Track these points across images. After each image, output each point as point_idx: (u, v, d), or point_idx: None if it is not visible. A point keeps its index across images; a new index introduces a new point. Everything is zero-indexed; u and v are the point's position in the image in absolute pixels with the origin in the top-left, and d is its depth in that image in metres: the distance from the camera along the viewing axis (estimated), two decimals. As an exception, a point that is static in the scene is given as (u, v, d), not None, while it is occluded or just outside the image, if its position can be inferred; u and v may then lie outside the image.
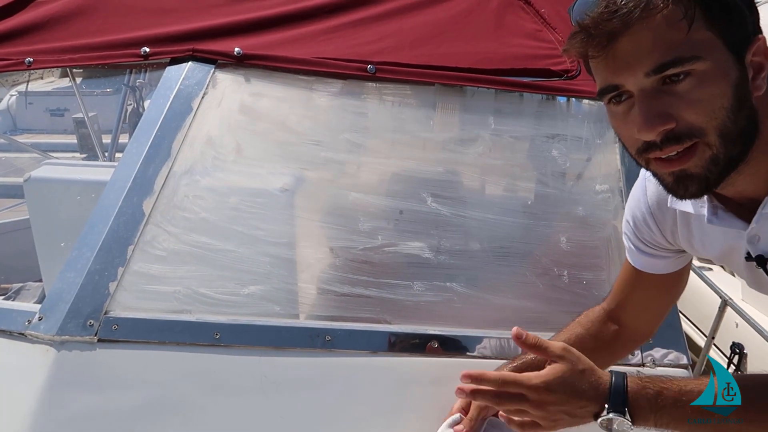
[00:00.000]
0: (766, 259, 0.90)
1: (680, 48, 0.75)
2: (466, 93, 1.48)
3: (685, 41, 0.75)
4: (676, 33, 0.75)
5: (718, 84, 0.76)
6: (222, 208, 1.32)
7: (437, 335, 1.23)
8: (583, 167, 1.48)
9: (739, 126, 0.78)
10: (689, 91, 0.76)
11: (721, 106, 0.77)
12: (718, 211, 0.90)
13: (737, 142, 0.79)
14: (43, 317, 1.16)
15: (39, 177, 1.82)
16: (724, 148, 0.78)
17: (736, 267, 1.00)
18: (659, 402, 0.90)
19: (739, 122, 0.78)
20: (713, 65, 0.76)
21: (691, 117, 0.77)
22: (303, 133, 1.41)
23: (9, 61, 1.48)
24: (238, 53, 1.42)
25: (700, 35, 0.75)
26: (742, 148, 0.80)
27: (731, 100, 0.77)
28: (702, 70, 0.76)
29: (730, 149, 0.78)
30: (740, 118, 0.77)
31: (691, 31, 0.74)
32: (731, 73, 0.76)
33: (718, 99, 0.76)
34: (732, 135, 0.78)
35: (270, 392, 1.18)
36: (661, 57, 0.75)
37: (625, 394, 0.90)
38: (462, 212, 1.39)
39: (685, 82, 0.76)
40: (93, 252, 1.20)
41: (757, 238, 0.89)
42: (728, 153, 0.79)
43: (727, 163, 0.80)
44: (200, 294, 1.24)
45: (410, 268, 1.33)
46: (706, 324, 3.32)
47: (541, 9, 1.59)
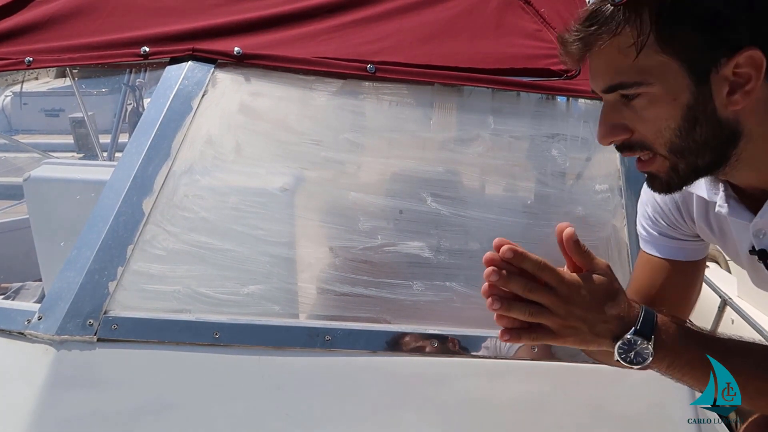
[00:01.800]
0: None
1: (626, 73, 0.80)
2: (466, 93, 1.48)
3: (632, 67, 0.79)
4: (623, 58, 0.79)
5: (665, 107, 0.80)
6: (222, 208, 1.32)
7: (437, 335, 1.23)
8: (583, 167, 1.48)
9: (695, 141, 0.81)
10: (641, 109, 0.82)
11: (666, 126, 0.81)
12: (730, 200, 0.91)
13: (699, 153, 0.82)
14: (43, 317, 1.16)
15: (39, 176, 1.82)
16: (681, 161, 0.83)
17: (740, 260, 1.00)
18: (682, 340, 0.86)
19: (693, 138, 0.81)
20: (661, 89, 0.79)
21: (642, 132, 0.84)
22: (303, 132, 1.41)
23: (9, 60, 1.48)
24: (238, 53, 1.41)
25: (650, 61, 0.78)
26: (713, 156, 0.83)
27: (679, 121, 0.80)
28: (651, 92, 0.80)
29: (691, 160, 0.83)
30: (694, 134, 0.81)
31: (639, 57, 0.78)
32: (682, 96, 0.79)
33: (664, 120, 0.81)
34: (684, 150, 0.82)
35: (269, 392, 1.18)
36: (609, 80, 0.83)
37: (654, 323, 0.85)
38: (462, 212, 1.39)
39: (638, 100, 0.82)
40: (92, 251, 1.20)
41: (763, 232, 0.89)
42: (689, 164, 0.83)
43: (692, 171, 0.85)
44: (200, 293, 1.24)
45: (410, 267, 1.33)
46: (701, 321, 3.32)
47: (541, 9, 1.59)
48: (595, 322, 0.85)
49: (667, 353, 0.86)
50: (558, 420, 1.13)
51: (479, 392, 1.21)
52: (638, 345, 0.85)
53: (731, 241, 0.99)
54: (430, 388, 1.18)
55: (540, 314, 0.85)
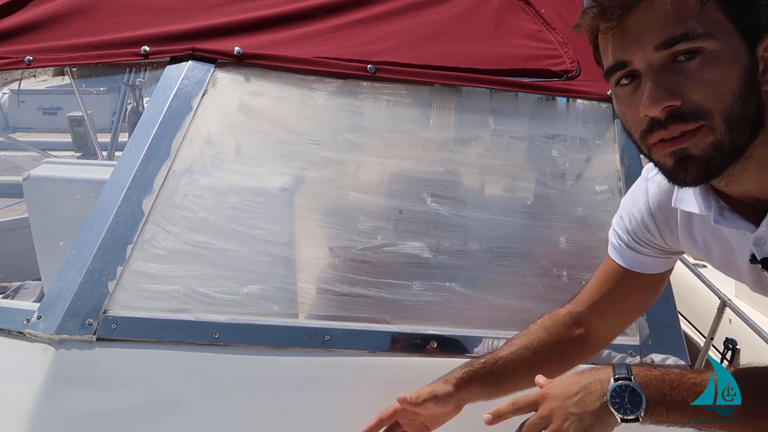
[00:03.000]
0: None
1: (693, 23, 0.74)
2: (466, 93, 1.48)
3: (698, 18, 0.74)
4: (689, 9, 0.75)
5: (728, 67, 0.75)
6: (221, 208, 1.32)
7: (436, 335, 1.23)
8: (583, 168, 1.48)
9: (746, 113, 0.77)
10: (698, 70, 0.75)
11: (729, 89, 0.75)
12: (725, 211, 0.89)
13: (743, 129, 0.77)
14: (42, 316, 1.16)
15: (38, 176, 1.82)
16: (728, 134, 0.77)
17: (736, 270, 0.99)
18: (665, 380, 0.87)
19: (746, 109, 0.76)
20: (724, 47, 0.75)
21: (698, 97, 0.76)
22: (302, 132, 1.41)
23: (8, 59, 1.48)
24: (238, 52, 1.41)
25: (714, 16, 0.75)
26: (748, 137, 0.78)
27: (740, 85, 0.75)
28: (713, 49, 0.75)
29: (735, 136, 0.77)
30: (748, 105, 0.76)
31: (704, 10, 0.74)
32: (742, 58, 0.76)
33: (727, 82, 0.75)
34: (738, 121, 0.76)
35: (269, 392, 1.18)
36: (672, 30, 0.75)
37: (628, 367, 0.88)
38: (461, 212, 1.39)
39: (695, 60, 0.75)
40: (92, 251, 1.20)
41: (764, 240, 0.88)
42: (733, 140, 0.77)
43: (731, 151, 0.78)
44: (199, 293, 1.23)
45: (410, 268, 1.33)
46: (698, 320, 3.33)
47: (541, 9, 1.59)
48: (576, 401, 0.90)
49: (659, 396, 0.87)
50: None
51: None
52: (625, 390, 0.87)
53: (718, 252, 0.99)
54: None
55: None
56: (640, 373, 0.89)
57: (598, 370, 0.92)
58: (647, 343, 1.25)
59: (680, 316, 1.40)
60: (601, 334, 1.16)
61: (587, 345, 1.16)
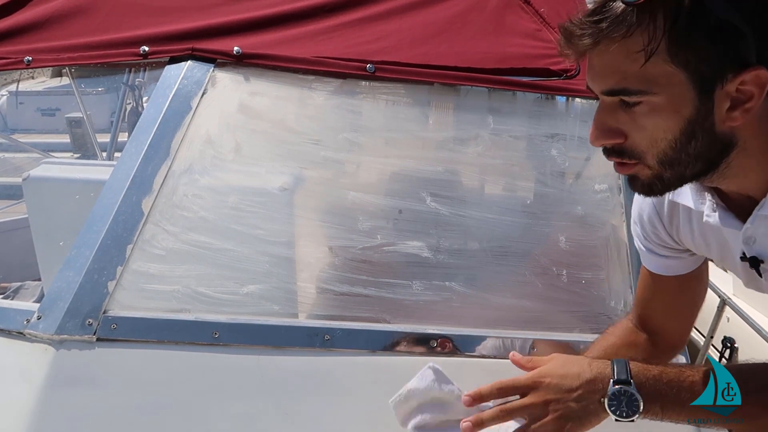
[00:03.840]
0: (759, 260, 0.91)
1: (631, 80, 0.77)
2: (465, 92, 1.48)
3: (638, 74, 0.76)
4: (631, 64, 0.76)
5: (665, 118, 0.78)
6: (221, 207, 1.32)
7: (436, 335, 1.23)
8: (582, 167, 1.48)
9: (688, 154, 0.80)
10: (639, 115, 0.79)
11: (663, 138, 0.79)
12: (718, 208, 0.90)
13: (687, 165, 0.81)
14: (42, 316, 1.16)
15: (38, 176, 1.82)
16: (667, 170, 0.82)
17: (732, 266, 1.00)
18: (663, 379, 0.89)
19: (686, 151, 0.80)
20: (665, 100, 0.77)
21: (636, 139, 0.81)
22: (302, 132, 1.41)
23: (8, 60, 1.48)
24: (238, 52, 1.41)
25: (657, 69, 0.75)
26: (703, 166, 0.82)
27: (676, 134, 0.78)
28: (654, 102, 0.77)
29: (678, 170, 0.82)
30: (689, 148, 0.79)
31: (647, 65, 0.75)
32: (684, 110, 0.77)
33: (662, 132, 0.79)
34: (675, 161, 0.81)
35: (268, 391, 1.18)
36: (612, 84, 0.79)
37: (627, 369, 0.89)
38: (461, 212, 1.38)
39: (638, 107, 0.79)
40: (92, 251, 1.20)
41: (753, 239, 0.89)
42: (675, 173, 0.82)
43: (675, 180, 0.84)
44: (199, 293, 1.23)
45: (409, 267, 1.33)
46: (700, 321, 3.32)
47: (540, 8, 1.59)
48: (576, 397, 0.90)
49: (656, 396, 0.88)
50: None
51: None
52: (624, 395, 0.87)
53: (715, 247, 1.00)
54: (430, 388, 1.17)
55: (531, 427, 0.91)
56: (639, 373, 0.89)
57: (597, 365, 0.91)
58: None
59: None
60: (669, 335, 1.16)
61: (662, 347, 1.16)
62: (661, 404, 0.88)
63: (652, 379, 0.89)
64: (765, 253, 0.90)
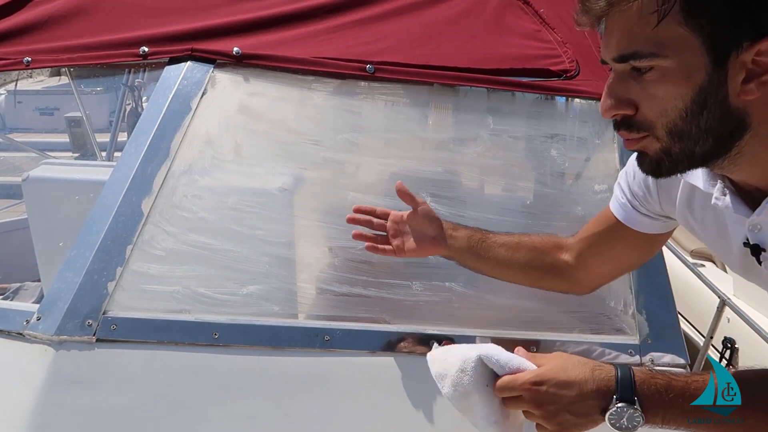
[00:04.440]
0: (761, 249, 0.90)
1: (642, 42, 0.75)
2: (465, 93, 1.48)
3: (649, 37, 0.74)
4: (643, 26, 0.74)
5: (677, 85, 0.76)
6: (221, 208, 1.32)
7: (436, 335, 1.23)
8: (582, 167, 1.48)
9: (699, 126, 0.77)
10: (651, 83, 0.77)
11: (674, 106, 0.77)
12: (727, 192, 0.90)
13: (697, 140, 0.78)
14: (42, 317, 1.16)
15: (38, 176, 1.82)
16: (676, 144, 0.79)
17: (726, 251, 1.00)
18: (669, 393, 0.88)
19: (697, 123, 0.77)
20: (676, 65, 0.75)
21: (646, 109, 0.79)
22: (302, 132, 1.41)
23: (7, 60, 1.48)
24: (237, 53, 1.41)
25: (670, 32, 0.73)
26: (713, 144, 0.79)
27: (687, 103, 0.76)
28: (664, 66, 0.75)
29: (688, 145, 0.79)
30: (700, 120, 0.77)
31: (659, 27, 0.73)
32: (696, 76, 0.75)
33: (672, 99, 0.77)
34: (685, 134, 0.78)
35: (269, 392, 1.18)
36: (623, 48, 0.77)
37: (633, 384, 0.88)
38: (461, 212, 1.38)
39: (650, 74, 0.77)
40: (91, 252, 1.20)
41: (759, 227, 0.89)
42: (684, 148, 0.80)
43: (683, 157, 0.81)
44: (199, 294, 1.23)
45: (409, 267, 1.33)
46: (700, 321, 3.33)
47: (540, 9, 1.59)
48: (576, 406, 0.89)
49: (659, 408, 0.88)
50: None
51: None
52: (626, 411, 0.87)
53: (712, 229, 1.00)
54: (430, 388, 1.17)
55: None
56: (644, 387, 0.88)
57: (600, 374, 0.90)
58: (647, 342, 1.25)
59: (680, 316, 1.40)
60: (583, 273, 1.21)
61: (566, 276, 1.22)
62: (662, 417, 0.88)
63: (657, 394, 0.88)
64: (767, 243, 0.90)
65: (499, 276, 1.26)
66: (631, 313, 1.28)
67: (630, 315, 1.28)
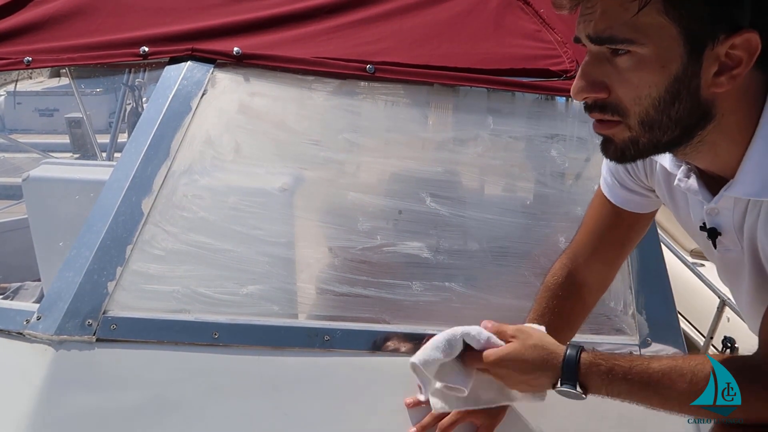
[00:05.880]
0: (718, 232, 0.93)
1: (620, 28, 0.75)
2: (465, 93, 1.48)
3: (628, 22, 0.75)
4: (622, 11, 0.75)
5: (651, 73, 0.76)
6: (221, 208, 1.32)
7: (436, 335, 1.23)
8: (582, 167, 1.48)
9: (669, 116, 0.78)
10: (625, 69, 0.78)
11: (648, 94, 0.78)
12: (691, 175, 0.92)
13: (666, 129, 0.80)
14: (42, 317, 1.16)
15: (38, 176, 1.82)
16: (645, 134, 0.81)
17: (692, 232, 1.03)
18: (610, 377, 0.93)
19: (668, 113, 0.78)
20: (652, 53, 0.75)
21: (620, 94, 0.79)
22: (302, 132, 1.41)
23: (8, 60, 1.48)
24: (237, 53, 1.41)
25: (649, 20, 0.74)
26: (679, 133, 0.81)
27: (661, 92, 0.77)
28: (641, 54, 0.76)
29: (656, 135, 0.80)
30: (671, 110, 0.78)
31: (639, 14, 0.74)
32: (671, 65, 0.76)
33: (647, 87, 0.77)
34: (655, 123, 0.79)
35: (269, 392, 1.18)
36: (600, 30, 0.77)
37: (576, 370, 0.95)
38: (461, 212, 1.39)
39: (624, 58, 0.77)
40: (91, 251, 1.20)
41: (716, 211, 0.92)
42: (652, 138, 0.81)
43: (650, 146, 0.83)
44: (199, 293, 1.23)
45: (409, 267, 1.33)
46: (701, 321, 3.33)
47: (540, 9, 1.59)
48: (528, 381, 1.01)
49: (601, 387, 0.95)
50: (557, 420, 1.13)
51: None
52: (569, 391, 0.95)
53: (682, 208, 1.02)
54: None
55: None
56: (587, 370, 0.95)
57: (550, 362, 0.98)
58: (647, 343, 1.25)
59: (680, 316, 1.40)
60: (601, 278, 1.22)
61: (594, 294, 1.23)
62: (606, 394, 0.96)
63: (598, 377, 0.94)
64: (723, 227, 0.92)
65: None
66: (631, 313, 1.29)
67: (630, 315, 1.29)
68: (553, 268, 1.23)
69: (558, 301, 1.19)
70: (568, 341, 1.13)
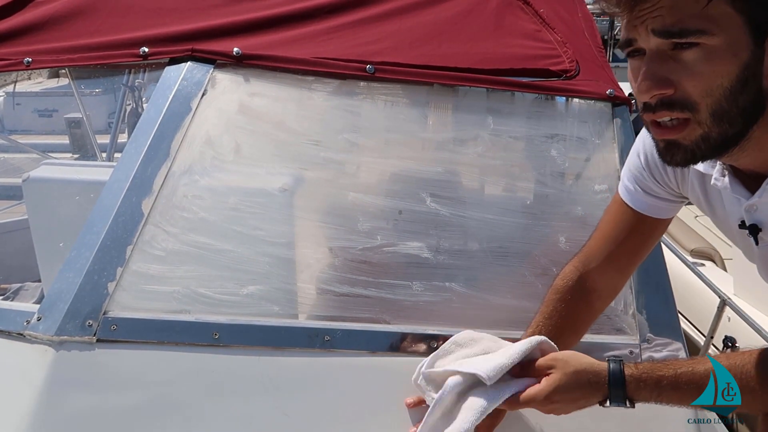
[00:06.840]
0: (759, 228, 0.92)
1: (691, 19, 0.75)
2: (464, 93, 1.48)
3: (699, 14, 0.74)
4: (692, 3, 0.75)
5: (723, 63, 0.76)
6: (221, 208, 1.32)
7: (436, 335, 1.23)
8: (582, 167, 1.48)
9: (738, 106, 0.78)
10: (693, 62, 0.76)
11: (720, 84, 0.77)
12: (727, 174, 0.91)
13: (733, 122, 0.79)
14: (42, 317, 1.16)
15: (38, 177, 1.81)
16: (716, 127, 0.79)
17: (730, 232, 1.02)
18: (659, 388, 0.96)
19: (738, 102, 0.77)
20: (723, 42, 0.75)
21: (689, 88, 0.78)
22: (302, 133, 1.41)
23: (8, 61, 1.48)
24: (237, 53, 1.41)
25: (719, 9, 0.74)
26: (741, 127, 0.80)
27: (733, 81, 0.76)
28: (710, 44, 0.75)
29: (725, 129, 0.79)
30: (740, 98, 0.77)
31: (709, 4, 0.74)
32: (741, 54, 0.76)
33: (719, 78, 0.76)
34: (726, 115, 0.78)
35: (269, 392, 1.18)
36: (669, 23, 0.76)
37: (623, 386, 0.97)
38: (461, 212, 1.39)
39: (692, 51, 0.76)
40: (92, 252, 1.20)
41: (755, 208, 0.91)
42: (721, 132, 0.79)
43: (719, 142, 0.81)
44: (199, 294, 1.23)
45: (409, 268, 1.33)
46: (701, 321, 3.33)
47: (540, 9, 1.59)
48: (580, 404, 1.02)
49: (650, 400, 0.98)
50: (557, 420, 1.13)
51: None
52: (619, 407, 0.98)
53: (719, 210, 1.01)
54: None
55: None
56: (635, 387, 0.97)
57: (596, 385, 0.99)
58: (647, 342, 1.25)
59: (680, 315, 1.40)
60: (613, 284, 1.22)
61: (603, 299, 1.23)
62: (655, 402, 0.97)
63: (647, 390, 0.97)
64: (765, 222, 0.91)
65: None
66: (631, 313, 1.29)
67: (630, 315, 1.29)
68: (564, 271, 1.22)
69: (566, 304, 1.18)
70: (572, 345, 1.14)
